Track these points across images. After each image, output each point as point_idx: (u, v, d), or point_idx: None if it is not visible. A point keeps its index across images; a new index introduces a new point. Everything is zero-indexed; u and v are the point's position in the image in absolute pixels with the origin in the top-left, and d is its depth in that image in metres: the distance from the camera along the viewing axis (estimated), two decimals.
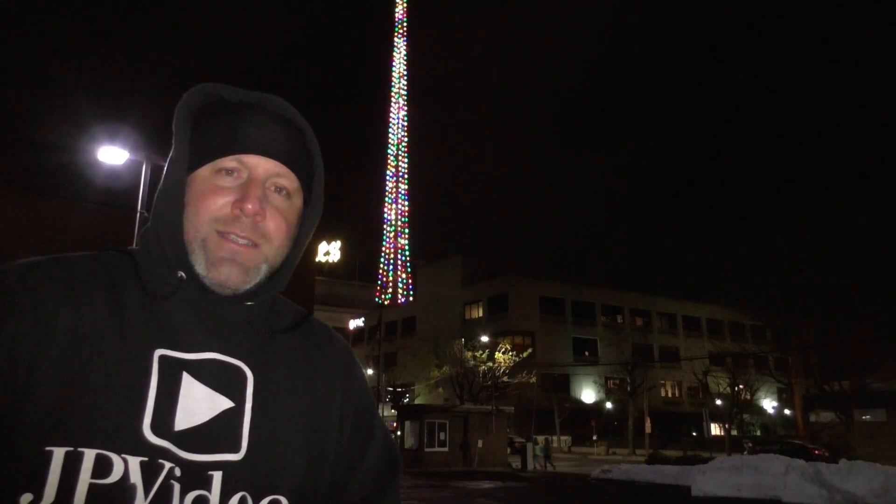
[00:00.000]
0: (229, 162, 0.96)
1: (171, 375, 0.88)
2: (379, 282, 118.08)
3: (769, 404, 58.28)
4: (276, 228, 0.97)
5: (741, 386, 44.06)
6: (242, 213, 0.93)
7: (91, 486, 0.78)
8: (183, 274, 0.94)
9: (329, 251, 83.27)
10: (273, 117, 1.00)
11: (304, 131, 1.03)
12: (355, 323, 64.10)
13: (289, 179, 0.99)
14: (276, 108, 1.01)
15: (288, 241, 1.00)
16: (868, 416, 36.19)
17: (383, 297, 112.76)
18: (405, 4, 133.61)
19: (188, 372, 0.89)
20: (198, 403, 0.88)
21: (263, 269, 0.96)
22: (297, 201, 1.02)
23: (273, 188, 0.98)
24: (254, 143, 0.97)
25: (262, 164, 0.97)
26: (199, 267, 0.93)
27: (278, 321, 1.04)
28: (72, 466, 0.78)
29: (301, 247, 1.05)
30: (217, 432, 0.88)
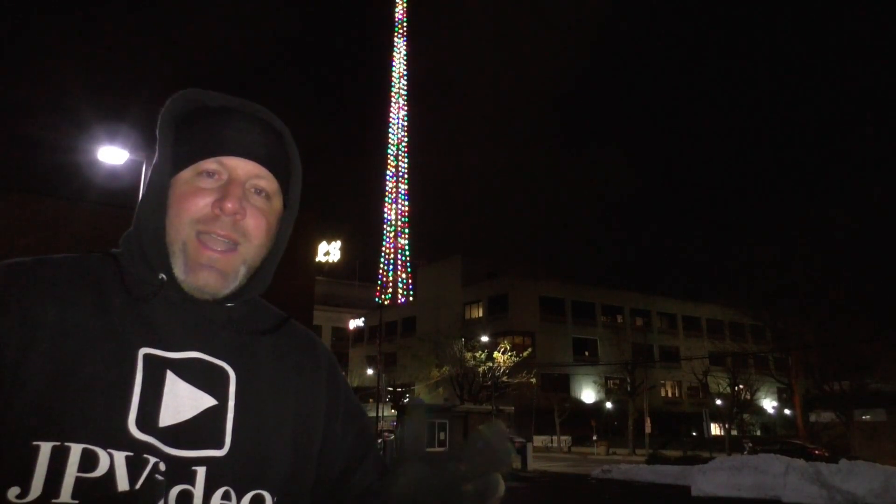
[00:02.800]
0: (210, 164, 0.98)
1: (156, 374, 0.90)
2: (379, 282, 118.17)
3: (769, 404, 58.30)
4: (255, 227, 0.98)
5: (741, 386, 44.06)
6: (222, 212, 0.95)
7: (77, 479, 0.80)
8: (164, 276, 0.96)
9: (329, 251, 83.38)
10: (252, 120, 1.02)
11: (282, 134, 1.05)
12: (355, 323, 64.24)
13: (268, 181, 1.01)
14: (255, 112, 1.03)
15: (267, 242, 1.02)
16: (868, 416, 36.15)
17: (383, 297, 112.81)
18: (405, 4, 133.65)
19: (172, 370, 0.91)
20: (182, 401, 0.90)
21: (242, 272, 0.98)
22: (277, 203, 1.04)
23: (253, 189, 1.00)
24: (234, 145, 0.99)
25: (241, 166, 0.99)
26: (178, 270, 0.95)
27: (260, 323, 1.06)
28: (59, 461, 0.80)
29: (280, 247, 1.06)
30: (201, 429, 0.90)
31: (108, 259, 0.99)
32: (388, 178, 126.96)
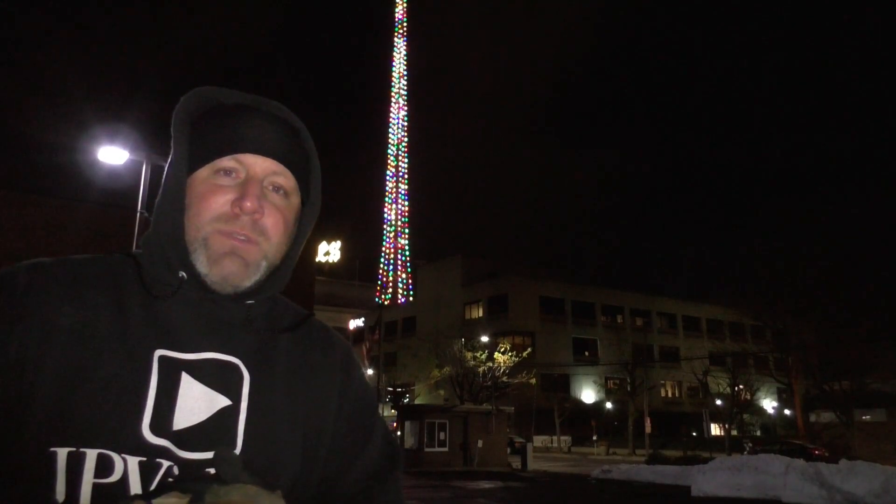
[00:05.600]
0: (227, 162, 0.97)
1: (171, 375, 0.90)
2: (379, 282, 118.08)
3: (769, 404, 58.29)
4: (274, 226, 0.98)
5: (741, 386, 44.08)
6: (241, 210, 0.95)
7: (95, 486, 0.81)
8: (184, 274, 0.96)
9: (329, 251, 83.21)
10: (269, 118, 1.02)
11: (300, 131, 1.05)
12: (355, 323, 64.14)
13: (286, 178, 1.01)
14: (271, 109, 1.03)
15: (286, 239, 1.02)
16: (868, 416, 36.19)
17: (383, 297, 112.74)
18: (405, 4, 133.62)
19: (187, 371, 0.91)
20: (196, 402, 0.90)
21: (263, 266, 0.98)
22: (295, 200, 1.04)
23: (271, 187, 0.99)
24: (251, 142, 0.98)
25: (259, 163, 0.98)
26: (201, 265, 0.94)
27: (279, 321, 1.05)
28: (75, 467, 0.81)
29: (299, 245, 1.06)
30: (214, 430, 0.90)
31: (128, 260, 0.99)
32: (388, 178, 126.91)
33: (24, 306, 0.87)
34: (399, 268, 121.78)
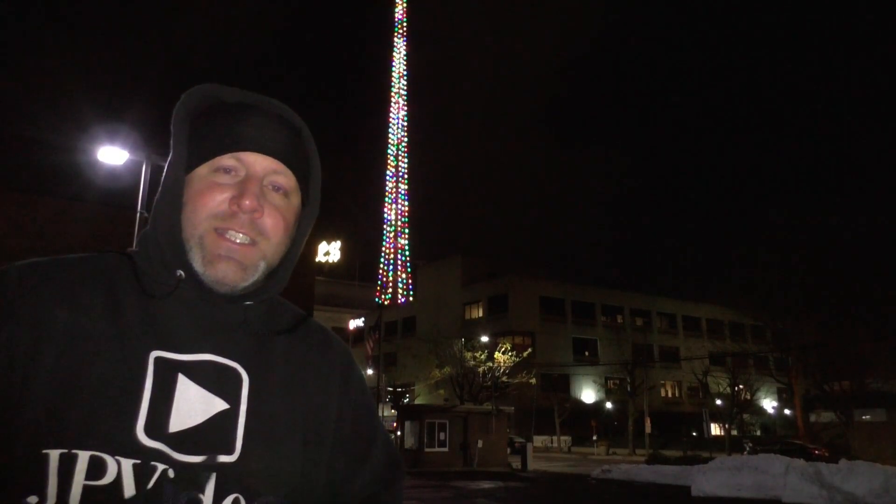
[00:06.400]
0: (227, 160, 0.96)
1: (167, 377, 0.88)
2: (379, 282, 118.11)
3: (769, 404, 58.31)
4: (273, 226, 0.97)
5: (741, 386, 44.09)
6: (240, 209, 0.93)
7: (85, 487, 0.79)
8: (181, 272, 0.94)
9: (329, 251, 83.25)
10: (270, 117, 1.01)
11: (301, 130, 1.04)
12: (355, 323, 64.17)
13: (286, 177, 1.00)
14: (273, 109, 1.02)
15: (286, 240, 1.00)
16: (868, 416, 36.13)
17: (383, 297, 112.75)
18: (405, 4, 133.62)
19: (183, 373, 0.89)
20: (192, 405, 0.88)
21: (262, 267, 0.96)
22: (295, 200, 1.02)
23: (271, 186, 0.98)
24: (251, 141, 0.97)
25: (259, 162, 0.97)
26: (197, 264, 0.93)
27: (276, 322, 1.03)
28: (66, 468, 0.79)
29: (299, 246, 1.05)
30: (211, 434, 0.88)
31: (124, 259, 0.98)
32: (388, 178, 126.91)
33: (15, 306, 0.86)
34: (399, 268, 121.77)
